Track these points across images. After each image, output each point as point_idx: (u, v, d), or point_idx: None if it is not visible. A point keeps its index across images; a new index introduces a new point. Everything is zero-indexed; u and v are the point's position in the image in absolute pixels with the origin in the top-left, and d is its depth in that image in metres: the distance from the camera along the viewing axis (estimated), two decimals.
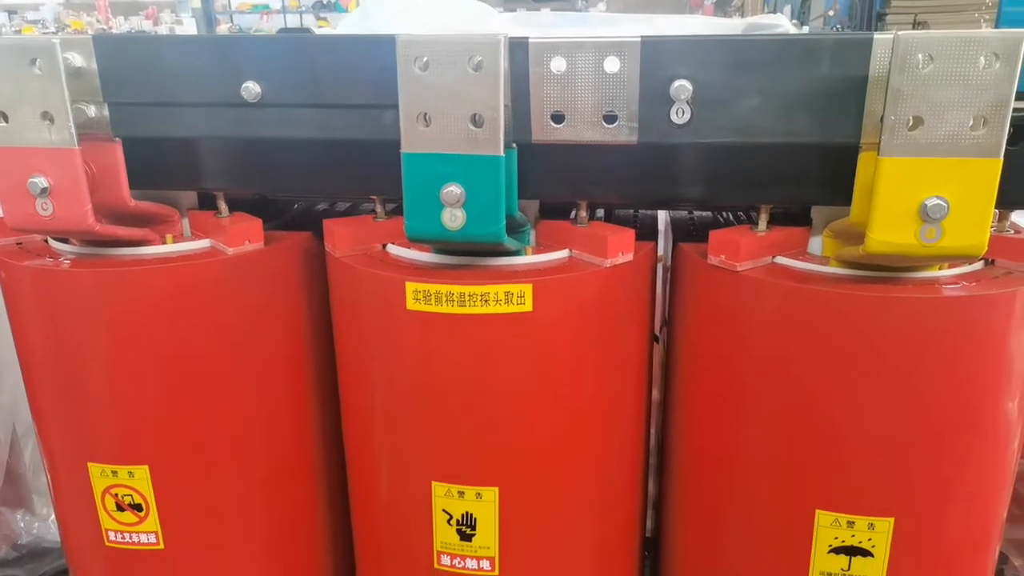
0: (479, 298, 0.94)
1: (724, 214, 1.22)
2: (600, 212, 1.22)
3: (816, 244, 1.01)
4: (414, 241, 0.92)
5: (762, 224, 0.99)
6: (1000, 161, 0.78)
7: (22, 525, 1.60)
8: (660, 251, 1.19)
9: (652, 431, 1.27)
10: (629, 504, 1.19)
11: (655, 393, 1.26)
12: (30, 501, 1.66)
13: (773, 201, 0.97)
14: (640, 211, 1.28)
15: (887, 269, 0.93)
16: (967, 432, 0.94)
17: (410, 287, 0.96)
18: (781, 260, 0.99)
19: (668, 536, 1.23)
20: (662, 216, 1.30)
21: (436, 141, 0.86)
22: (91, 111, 0.96)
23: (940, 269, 0.94)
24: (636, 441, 1.16)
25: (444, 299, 0.95)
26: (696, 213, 1.27)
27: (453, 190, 0.86)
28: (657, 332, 1.22)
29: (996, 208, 0.98)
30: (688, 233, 1.15)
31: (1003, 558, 1.69)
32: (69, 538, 1.23)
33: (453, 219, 0.88)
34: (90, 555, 1.20)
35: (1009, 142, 0.87)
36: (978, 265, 0.96)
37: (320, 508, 1.28)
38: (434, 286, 0.95)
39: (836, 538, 0.97)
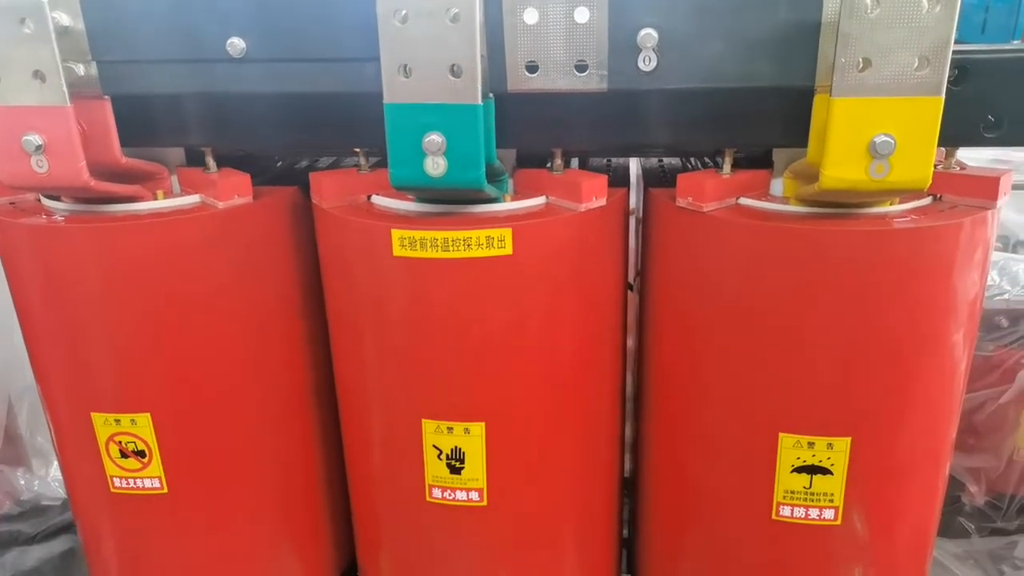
0: (462, 243, 1.00)
1: (692, 161, 1.28)
2: (575, 163, 1.27)
3: (778, 186, 1.07)
4: (399, 189, 0.96)
5: (726, 167, 1.05)
6: (941, 99, 0.84)
7: (23, 483, 1.65)
8: (632, 204, 1.25)
9: (629, 379, 1.34)
10: (608, 440, 1.26)
11: (631, 342, 1.33)
12: (29, 460, 1.70)
13: (737, 145, 1.03)
14: (613, 161, 1.33)
15: (843, 206, 0.99)
16: (917, 357, 1.02)
17: (396, 234, 1.01)
18: (745, 201, 1.05)
19: (643, 472, 1.30)
20: (634, 169, 1.36)
21: (417, 92, 0.90)
22: (80, 70, 0.99)
23: (891, 205, 1.01)
24: (613, 379, 1.23)
25: (429, 245, 1.00)
26: (666, 161, 1.32)
27: (435, 139, 0.91)
28: (631, 282, 1.28)
29: (942, 146, 1.05)
30: (659, 179, 1.21)
31: (959, 485, 1.80)
32: (75, 488, 1.28)
33: (435, 167, 0.93)
34: (96, 502, 1.25)
35: (952, 82, 0.94)
36: (926, 200, 1.03)
37: (317, 449, 1.34)
38: (419, 232, 1.00)
39: (798, 458, 1.05)
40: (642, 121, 0.98)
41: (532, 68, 0.95)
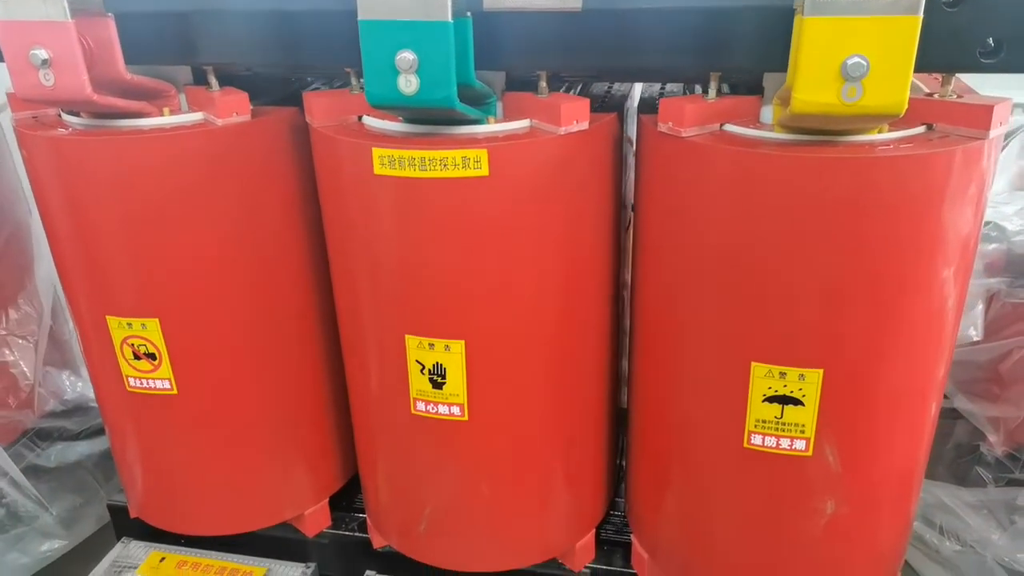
0: (438, 163, 1.02)
1: (694, 89, 1.25)
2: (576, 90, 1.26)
3: (767, 113, 1.04)
4: (374, 106, 0.98)
5: (712, 92, 1.03)
6: (918, 19, 0.80)
7: (67, 384, 1.79)
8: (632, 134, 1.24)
9: (628, 315, 1.35)
10: (595, 368, 1.28)
11: (627, 276, 1.33)
12: (75, 364, 1.84)
13: (721, 68, 1.00)
14: (614, 88, 1.31)
15: (828, 133, 0.97)
16: (899, 292, 0.99)
17: (376, 152, 1.04)
18: (729, 128, 1.03)
19: (631, 402, 1.33)
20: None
21: (389, 8, 0.91)
22: None
23: (879, 132, 0.97)
24: (601, 307, 1.25)
25: (407, 163, 1.03)
26: (669, 88, 1.30)
27: (406, 56, 0.92)
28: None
29: (936, 72, 1.00)
30: (652, 107, 1.19)
31: (980, 434, 1.75)
32: (98, 386, 1.39)
33: (408, 84, 0.94)
34: (115, 400, 1.36)
35: (949, 4, 0.89)
36: (919, 129, 0.99)
37: (321, 364, 1.42)
38: (398, 151, 1.02)
39: (769, 388, 1.05)
40: (619, 43, 0.97)
41: None
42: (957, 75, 1.08)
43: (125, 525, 1.59)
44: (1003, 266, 1.62)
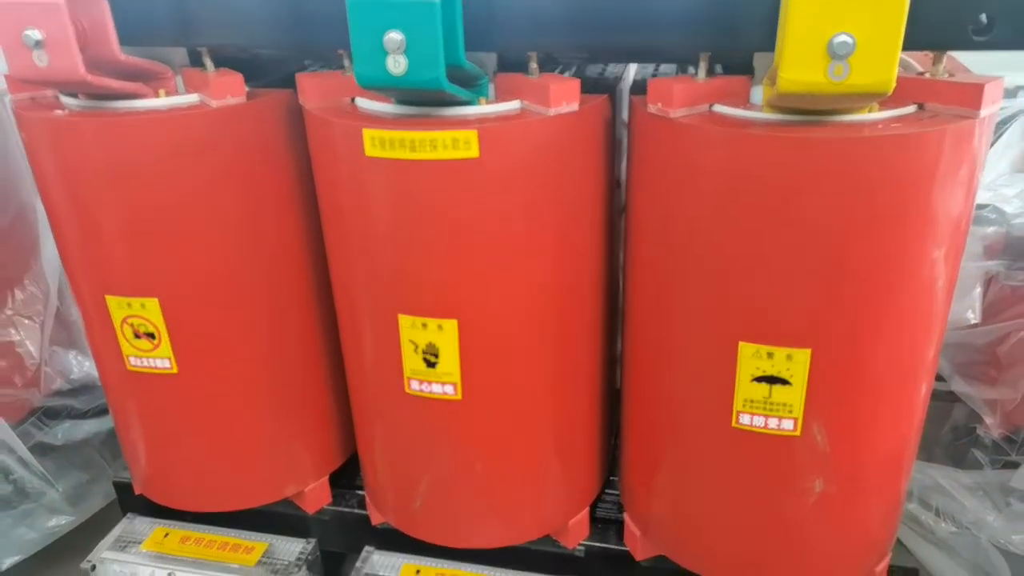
0: (428, 144, 1.02)
1: (687, 70, 1.24)
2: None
3: (758, 93, 1.04)
4: (364, 87, 0.99)
5: (701, 72, 1.03)
6: None
7: (74, 363, 1.81)
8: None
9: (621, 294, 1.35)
10: (588, 347, 1.29)
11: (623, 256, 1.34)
12: (82, 343, 1.87)
13: (711, 48, 1.00)
14: (608, 71, 1.31)
15: (818, 113, 0.96)
16: (887, 272, 0.99)
17: (367, 133, 1.04)
18: (719, 108, 1.03)
19: (624, 382, 1.33)
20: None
21: None
22: None
23: (870, 112, 0.97)
24: (593, 286, 1.25)
25: (397, 145, 1.03)
26: (662, 70, 1.30)
27: (394, 36, 0.93)
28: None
29: (927, 50, 1.00)
30: (643, 88, 1.19)
31: (976, 417, 1.75)
32: (101, 365, 1.41)
33: (396, 65, 0.95)
34: (117, 379, 1.38)
35: None
36: (910, 108, 0.98)
37: (320, 344, 1.43)
38: (388, 132, 1.03)
39: (758, 368, 1.06)
40: (607, 22, 0.97)
41: None
42: (951, 54, 1.08)
43: (131, 501, 1.62)
44: (1002, 249, 1.61)
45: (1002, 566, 1.65)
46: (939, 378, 1.83)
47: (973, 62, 1.10)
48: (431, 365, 1.19)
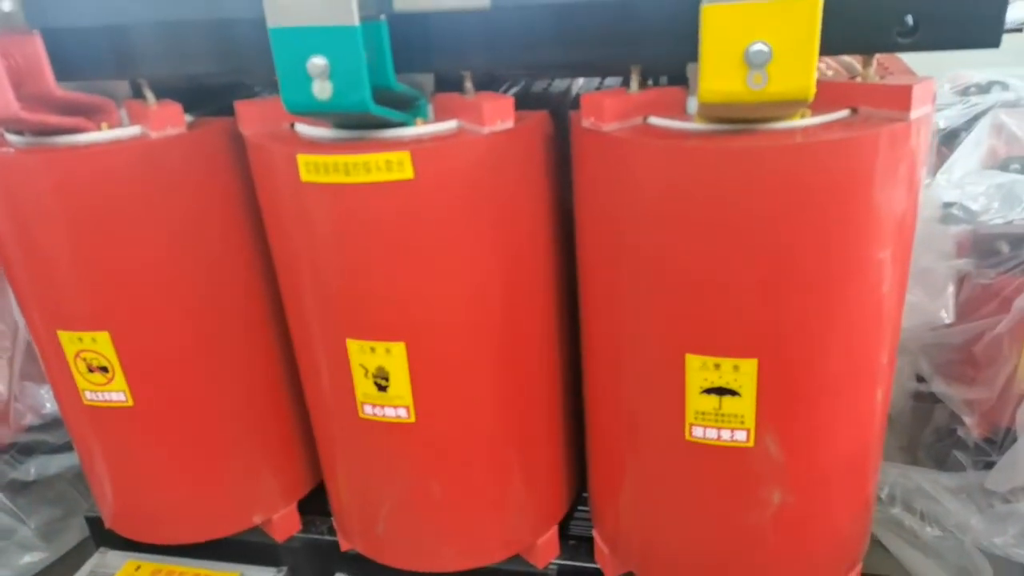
0: (362, 167, 1.02)
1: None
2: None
3: (693, 103, 1.03)
4: (293, 113, 0.98)
5: (633, 85, 1.02)
6: (819, 2, 0.79)
7: (46, 397, 1.81)
8: None
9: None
10: (545, 366, 1.28)
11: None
12: None
13: (637, 61, 0.99)
14: (555, 85, 1.30)
15: (748, 121, 0.95)
16: (828, 278, 0.98)
17: (301, 159, 1.04)
18: (652, 120, 1.02)
19: (586, 397, 1.31)
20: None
21: (296, 15, 0.91)
22: (6, 5, 1.05)
23: (802, 117, 0.96)
24: (545, 306, 1.24)
25: (332, 169, 1.03)
26: (607, 83, 1.29)
27: (317, 62, 0.92)
28: None
29: (854, 53, 0.99)
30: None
31: (957, 419, 1.73)
32: (60, 399, 1.41)
33: (322, 90, 0.94)
34: (75, 414, 1.37)
35: None
36: (843, 113, 0.97)
37: (281, 371, 1.42)
38: (321, 157, 1.02)
39: (706, 379, 1.04)
40: (532, 38, 0.96)
41: None
42: (897, 55, 1.07)
43: (104, 535, 1.61)
44: (970, 247, 1.60)
45: (986, 569, 1.62)
46: (920, 379, 1.81)
47: (934, 61, 1.09)
48: (382, 389, 1.18)
